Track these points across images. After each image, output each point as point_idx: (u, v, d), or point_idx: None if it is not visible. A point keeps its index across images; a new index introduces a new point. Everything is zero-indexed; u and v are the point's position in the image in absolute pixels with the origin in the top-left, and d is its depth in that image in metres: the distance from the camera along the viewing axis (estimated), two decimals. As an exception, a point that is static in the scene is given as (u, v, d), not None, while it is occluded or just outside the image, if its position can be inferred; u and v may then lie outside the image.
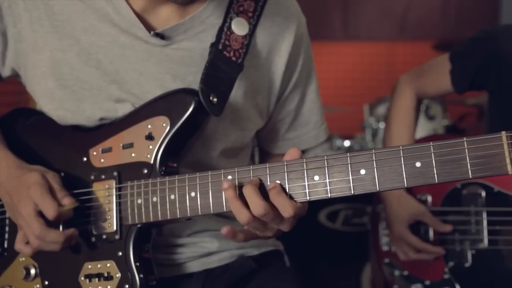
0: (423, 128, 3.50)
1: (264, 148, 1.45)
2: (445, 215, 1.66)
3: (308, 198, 0.98)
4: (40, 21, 1.20)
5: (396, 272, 1.75)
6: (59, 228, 1.13)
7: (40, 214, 1.12)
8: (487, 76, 1.63)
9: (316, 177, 0.98)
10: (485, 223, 1.60)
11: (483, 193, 1.60)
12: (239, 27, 1.21)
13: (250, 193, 0.98)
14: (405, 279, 1.72)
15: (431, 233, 1.67)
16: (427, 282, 1.66)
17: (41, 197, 1.11)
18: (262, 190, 1.00)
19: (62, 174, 1.20)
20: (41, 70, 1.21)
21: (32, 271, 1.20)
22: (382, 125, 3.67)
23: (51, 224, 1.12)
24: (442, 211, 1.66)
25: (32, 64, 1.22)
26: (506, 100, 1.64)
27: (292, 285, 1.36)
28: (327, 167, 0.97)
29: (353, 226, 3.00)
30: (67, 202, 1.14)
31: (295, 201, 0.99)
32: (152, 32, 1.18)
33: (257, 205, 0.97)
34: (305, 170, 0.99)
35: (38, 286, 1.20)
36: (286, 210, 0.97)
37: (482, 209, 1.60)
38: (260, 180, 1.01)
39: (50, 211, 1.10)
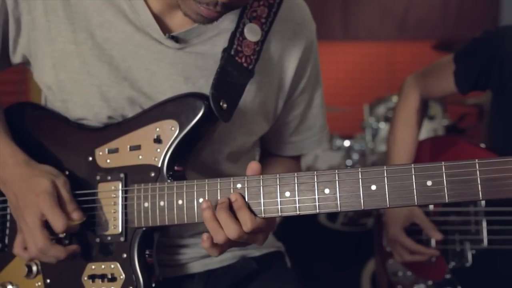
0: (423, 128, 3.50)
1: (266, 149, 1.46)
2: (446, 215, 1.66)
3: (317, 210, 0.98)
4: (55, 11, 1.18)
5: (400, 273, 1.75)
6: (58, 235, 1.13)
7: (45, 225, 1.10)
8: (490, 77, 1.62)
9: (327, 190, 0.98)
10: (484, 223, 1.60)
11: None
12: (252, 33, 1.20)
13: (224, 218, 1.00)
14: (409, 279, 1.72)
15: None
16: (430, 283, 1.67)
17: (50, 210, 1.09)
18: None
19: (67, 172, 1.19)
20: (53, 61, 1.20)
21: (34, 269, 1.19)
22: (382, 125, 3.67)
23: (54, 233, 1.11)
24: (443, 211, 1.67)
25: (43, 54, 1.20)
26: (508, 101, 1.64)
27: (294, 285, 1.37)
28: (338, 181, 0.97)
29: (353, 226, 3.01)
30: (77, 217, 1.12)
31: (256, 216, 1.01)
32: (167, 35, 1.18)
33: (231, 229, 1.00)
34: (315, 183, 0.98)
35: (39, 284, 1.19)
36: (245, 224, 1.00)
37: (481, 209, 1.60)
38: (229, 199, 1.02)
39: (59, 226, 1.09)
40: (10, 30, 1.21)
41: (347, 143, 3.70)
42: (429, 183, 0.91)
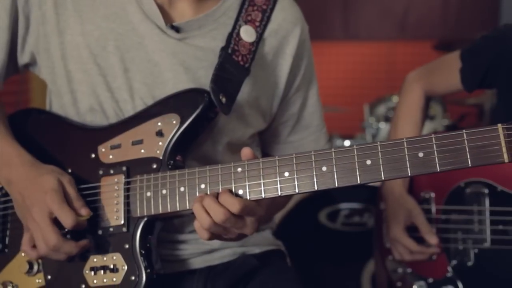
0: (423, 128, 3.50)
1: (266, 152, 1.48)
2: (448, 213, 1.65)
3: (316, 188, 1.01)
4: (64, 5, 1.24)
5: (400, 270, 1.74)
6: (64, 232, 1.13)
7: (55, 222, 1.11)
8: (497, 75, 1.60)
9: (324, 168, 1.01)
10: (488, 222, 1.59)
11: (487, 192, 1.59)
12: (247, 34, 1.27)
13: (209, 203, 1.02)
14: (408, 276, 1.71)
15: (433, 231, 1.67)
16: (430, 280, 1.66)
17: (59, 206, 1.10)
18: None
19: (70, 170, 1.21)
20: (62, 53, 1.24)
21: (35, 266, 1.19)
22: (382, 125, 3.67)
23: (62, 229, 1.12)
24: (445, 209, 1.66)
25: (54, 46, 1.24)
26: None
27: (293, 284, 1.37)
28: (334, 158, 1.01)
29: (353, 226, 2.99)
30: (85, 212, 1.13)
31: (244, 198, 1.04)
32: (168, 24, 1.22)
33: (217, 213, 1.02)
34: (313, 162, 1.02)
35: (40, 281, 1.20)
36: (234, 206, 1.02)
37: (485, 208, 1.59)
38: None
39: (69, 221, 1.10)
40: (19, 28, 1.25)
41: (347, 143, 3.69)
42: (420, 154, 0.96)
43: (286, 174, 1.03)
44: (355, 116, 4.17)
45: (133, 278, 1.12)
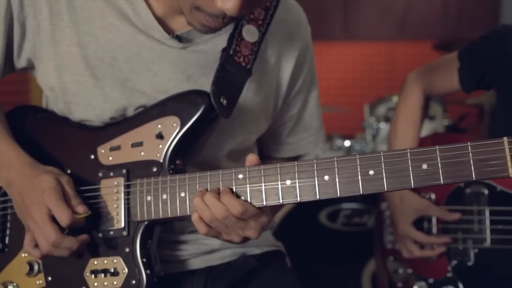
0: (423, 128, 3.50)
1: (264, 152, 1.48)
2: (448, 214, 1.66)
3: (318, 197, 1.00)
4: (60, 15, 1.21)
5: (400, 270, 1.75)
6: (65, 232, 1.13)
7: (53, 219, 1.11)
8: (495, 75, 1.60)
9: (326, 177, 1.00)
10: (487, 222, 1.60)
11: (486, 192, 1.59)
12: (249, 34, 1.24)
13: (210, 200, 1.02)
14: (409, 277, 1.72)
15: (434, 230, 1.68)
16: (431, 280, 1.66)
17: (56, 203, 1.10)
18: None
19: (69, 171, 1.20)
20: (56, 64, 1.22)
21: (36, 267, 1.19)
22: (382, 125, 3.67)
23: (62, 229, 1.12)
24: (446, 209, 1.66)
25: (47, 56, 1.22)
26: None
27: (293, 285, 1.37)
28: (337, 167, 0.99)
29: (353, 226, 3.00)
30: (82, 210, 1.13)
31: (247, 202, 1.03)
32: (171, 35, 1.20)
33: (218, 210, 1.02)
34: (315, 170, 1.01)
35: (40, 282, 1.20)
36: (235, 208, 1.01)
37: (485, 208, 1.60)
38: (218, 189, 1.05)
39: (65, 219, 1.09)
40: (15, 34, 1.23)
41: (347, 143, 3.68)
42: (424, 166, 0.95)
43: (288, 182, 1.02)
44: (355, 116, 4.17)
45: (133, 282, 1.12)
